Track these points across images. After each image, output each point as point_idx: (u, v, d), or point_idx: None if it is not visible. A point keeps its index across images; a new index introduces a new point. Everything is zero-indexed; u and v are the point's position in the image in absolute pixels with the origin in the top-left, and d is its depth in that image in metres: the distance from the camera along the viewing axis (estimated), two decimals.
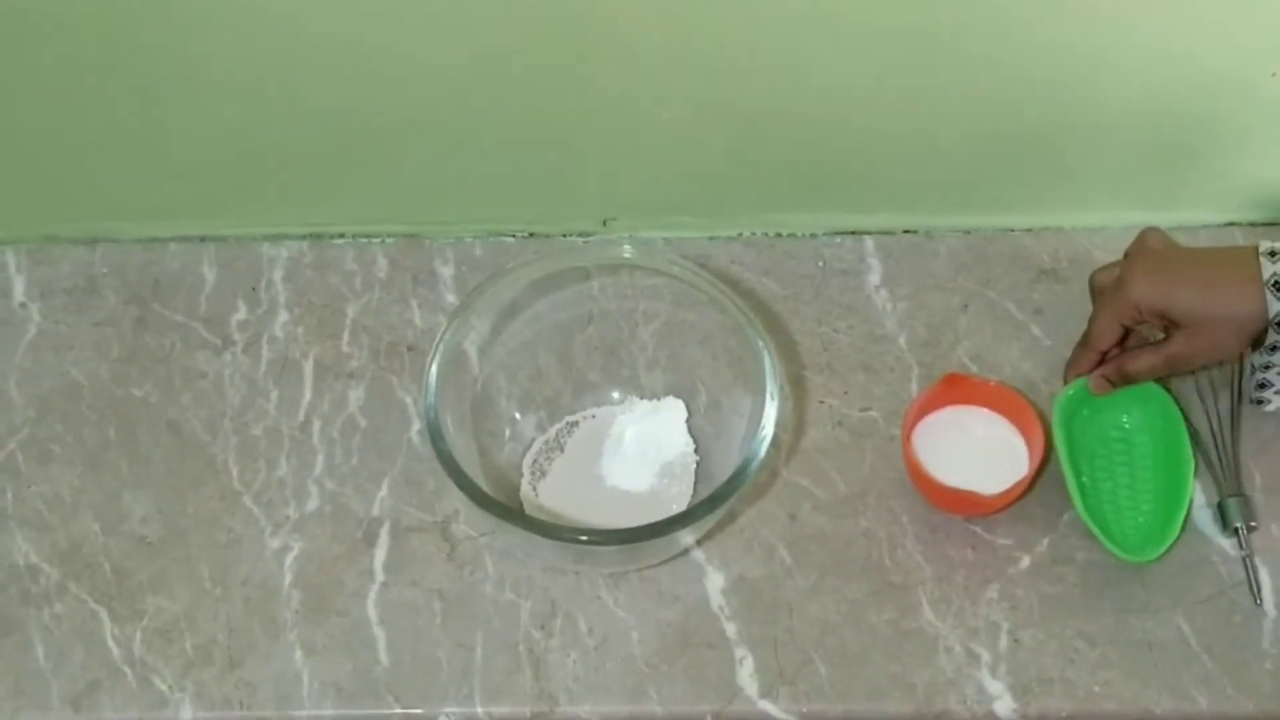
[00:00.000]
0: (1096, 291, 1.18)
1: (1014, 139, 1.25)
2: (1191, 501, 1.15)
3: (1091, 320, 1.16)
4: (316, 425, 1.22)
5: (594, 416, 1.22)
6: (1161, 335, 1.12)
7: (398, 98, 1.20)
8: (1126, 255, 1.14)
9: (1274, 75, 1.18)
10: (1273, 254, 1.01)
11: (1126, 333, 1.13)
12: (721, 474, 1.08)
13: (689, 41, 1.14)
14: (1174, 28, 1.13)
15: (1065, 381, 1.18)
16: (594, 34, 1.14)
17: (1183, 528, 1.13)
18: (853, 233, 1.35)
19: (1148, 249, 1.12)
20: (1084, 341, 1.17)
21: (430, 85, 1.19)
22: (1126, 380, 1.15)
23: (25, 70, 1.17)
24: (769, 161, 1.28)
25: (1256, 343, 1.09)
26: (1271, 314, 1.01)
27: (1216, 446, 1.18)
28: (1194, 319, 1.06)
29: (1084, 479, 1.16)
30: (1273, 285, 1.00)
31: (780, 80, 1.19)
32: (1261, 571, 1.13)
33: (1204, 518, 1.17)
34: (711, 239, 1.35)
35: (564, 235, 1.37)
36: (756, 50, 1.16)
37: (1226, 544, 1.15)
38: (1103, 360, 1.16)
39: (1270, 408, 1.17)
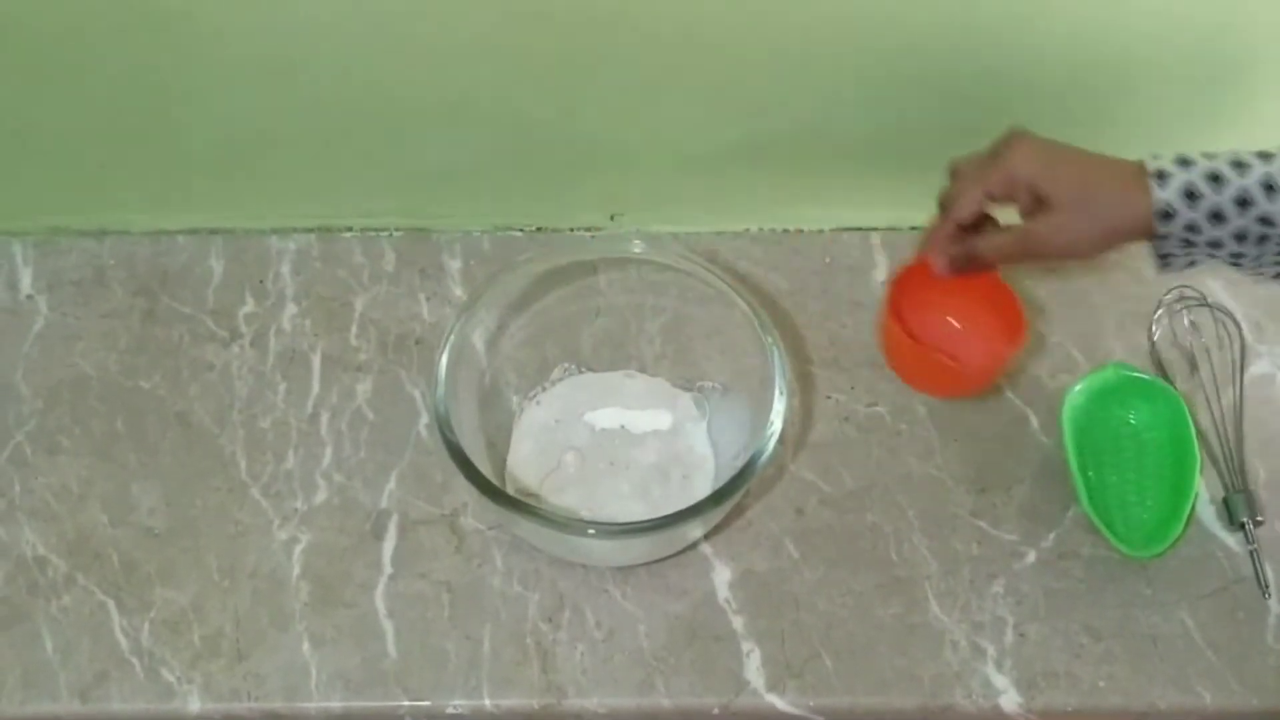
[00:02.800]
0: (958, 173, 1.08)
1: None
2: (1196, 497, 1.15)
3: (950, 193, 1.08)
4: (324, 418, 1.22)
5: (602, 408, 1.22)
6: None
7: (406, 91, 1.20)
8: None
9: None
10: (1155, 157, 0.97)
11: (985, 219, 1.07)
12: (729, 469, 1.08)
13: (697, 36, 1.15)
14: (1183, 7, 1.13)
15: (916, 255, 1.12)
16: (603, 28, 1.14)
17: (1187, 523, 1.13)
18: (860, 228, 1.35)
19: (1024, 131, 1.04)
20: (941, 213, 1.09)
21: (438, 79, 1.19)
22: (974, 262, 1.07)
23: (32, 62, 1.17)
24: (777, 156, 1.28)
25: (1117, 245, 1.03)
26: (1156, 204, 0.96)
27: (1221, 442, 1.19)
28: (1068, 199, 1.00)
29: (1090, 475, 1.17)
30: (1156, 175, 0.96)
31: (788, 75, 1.19)
32: (1266, 568, 1.14)
33: (1208, 513, 1.17)
34: (719, 234, 1.36)
35: (571, 229, 1.37)
36: (764, 44, 1.16)
37: (1231, 539, 1.16)
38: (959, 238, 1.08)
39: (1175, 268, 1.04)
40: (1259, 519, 1.15)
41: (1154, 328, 1.28)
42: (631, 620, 1.11)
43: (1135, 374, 1.18)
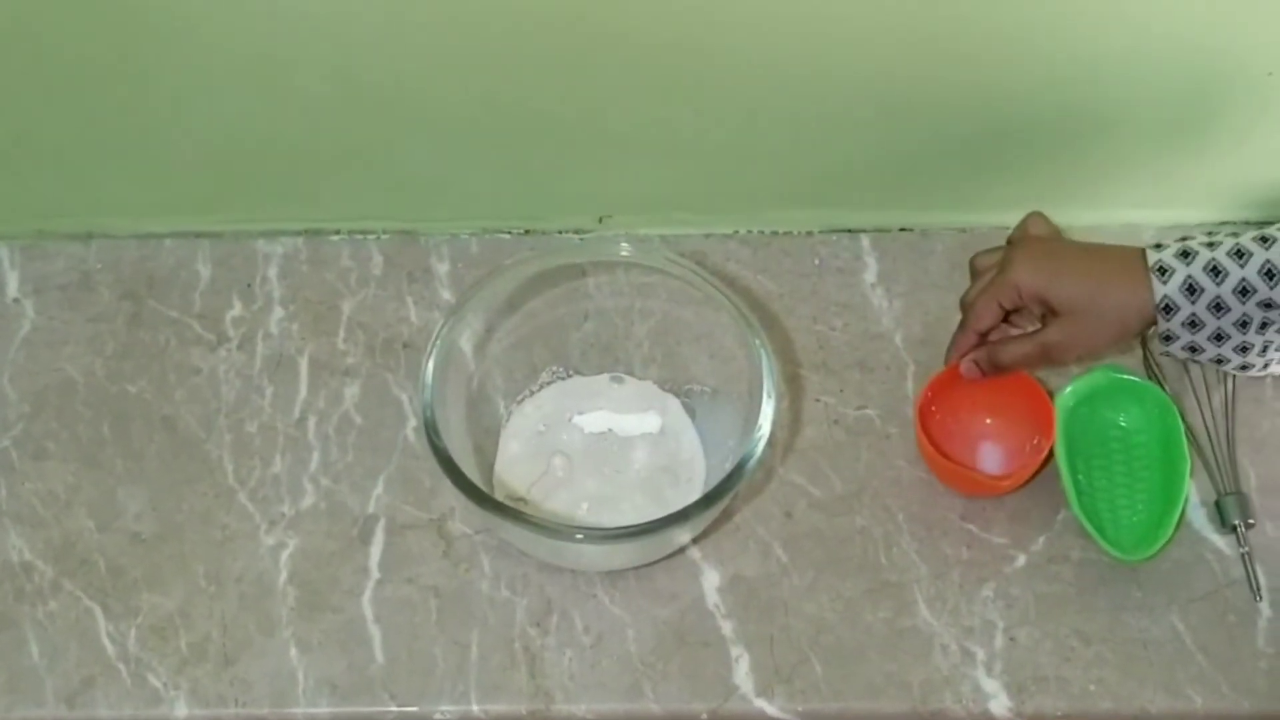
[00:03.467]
0: (977, 273, 1.16)
1: (1010, 137, 1.25)
2: (1187, 500, 1.15)
3: (969, 301, 1.14)
4: (312, 422, 1.22)
5: (591, 411, 1.22)
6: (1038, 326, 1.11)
7: (393, 93, 1.20)
8: (1009, 242, 1.13)
9: (1270, 75, 1.17)
10: (1158, 246, 1.02)
11: (1006, 316, 1.12)
12: (718, 472, 1.08)
13: (685, 38, 1.14)
14: (1174, 24, 1.13)
15: (945, 363, 1.17)
16: (590, 30, 1.13)
17: (1178, 526, 1.13)
18: (848, 230, 1.34)
19: (1033, 236, 1.12)
20: (963, 323, 1.15)
21: (426, 81, 1.19)
22: (996, 368, 1.13)
23: (18, 64, 1.16)
24: (765, 158, 1.27)
25: (1133, 337, 1.12)
26: (1157, 298, 1.01)
27: (1212, 444, 1.19)
28: (1075, 306, 1.05)
29: (1080, 477, 1.16)
30: (1157, 271, 1.01)
31: (776, 77, 1.19)
32: (1258, 569, 1.13)
33: (1199, 516, 1.17)
34: (708, 236, 1.35)
35: (559, 232, 1.37)
36: (752, 47, 1.15)
37: (1221, 542, 1.16)
38: (982, 343, 1.14)
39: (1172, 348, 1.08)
40: (1250, 521, 1.14)
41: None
42: (620, 625, 1.11)
43: (1125, 376, 1.18)
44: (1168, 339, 1.04)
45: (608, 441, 1.19)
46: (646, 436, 1.19)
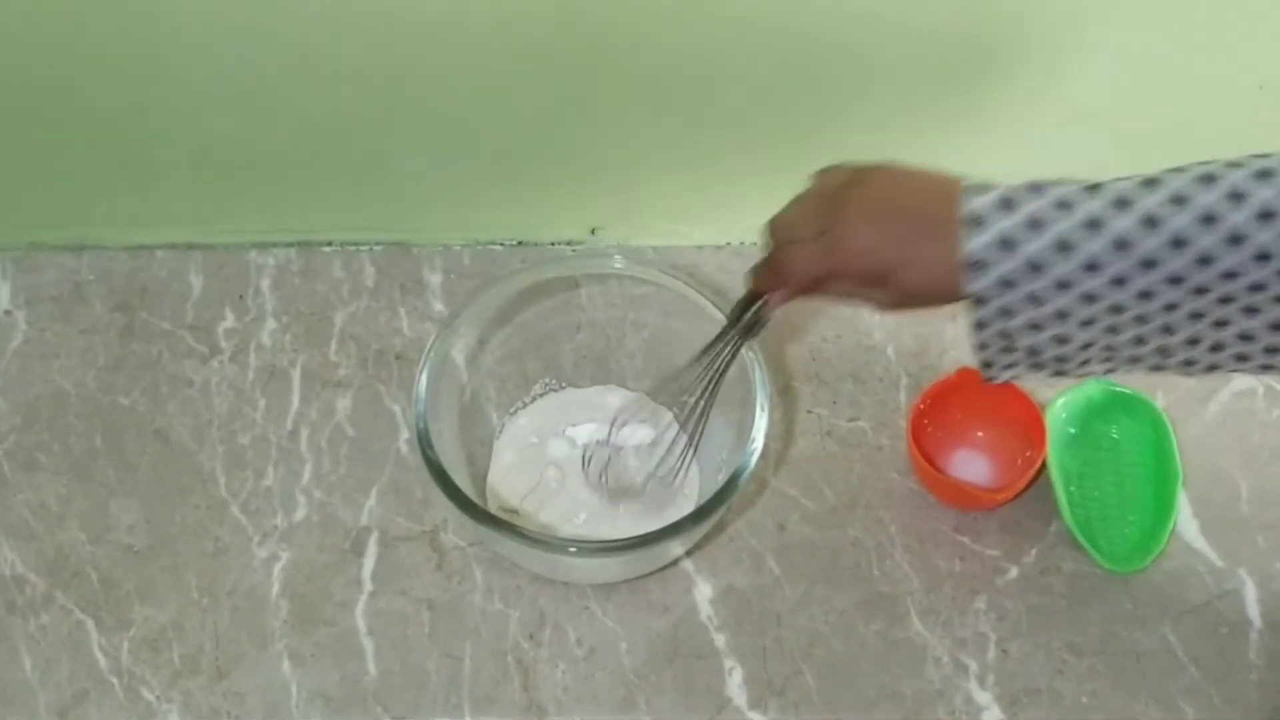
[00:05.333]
0: (781, 243, 0.96)
1: None
2: (1178, 512, 1.15)
3: (777, 266, 0.97)
4: (304, 434, 1.22)
5: (584, 424, 1.22)
6: None
7: (386, 106, 1.20)
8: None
9: (1260, 88, 1.18)
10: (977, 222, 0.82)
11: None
12: (711, 484, 1.08)
13: (677, 50, 1.15)
14: None
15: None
16: (582, 43, 1.14)
17: (1169, 538, 1.13)
18: None
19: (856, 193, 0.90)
20: (776, 273, 0.97)
21: (418, 94, 1.19)
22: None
23: (10, 77, 1.16)
24: (757, 170, 1.27)
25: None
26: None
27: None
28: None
29: (1072, 489, 1.17)
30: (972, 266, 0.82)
31: (767, 90, 1.19)
32: (1248, 583, 1.14)
33: (1190, 528, 1.17)
34: (700, 248, 1.35)
35: (552, 244, 1.37)
36: (743, 61, 1.16)
37: (1213, 554, 1.16)
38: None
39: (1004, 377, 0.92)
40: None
41: None
42: (613, 638, 1.11)
43: (1117, 388, 1.18)
44: (984, 348, 0.88)
45: (601, 453, 1.19)
46: (639, 448, 1.19)
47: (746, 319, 1.02)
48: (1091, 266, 0.79)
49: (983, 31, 1.15)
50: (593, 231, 1.36)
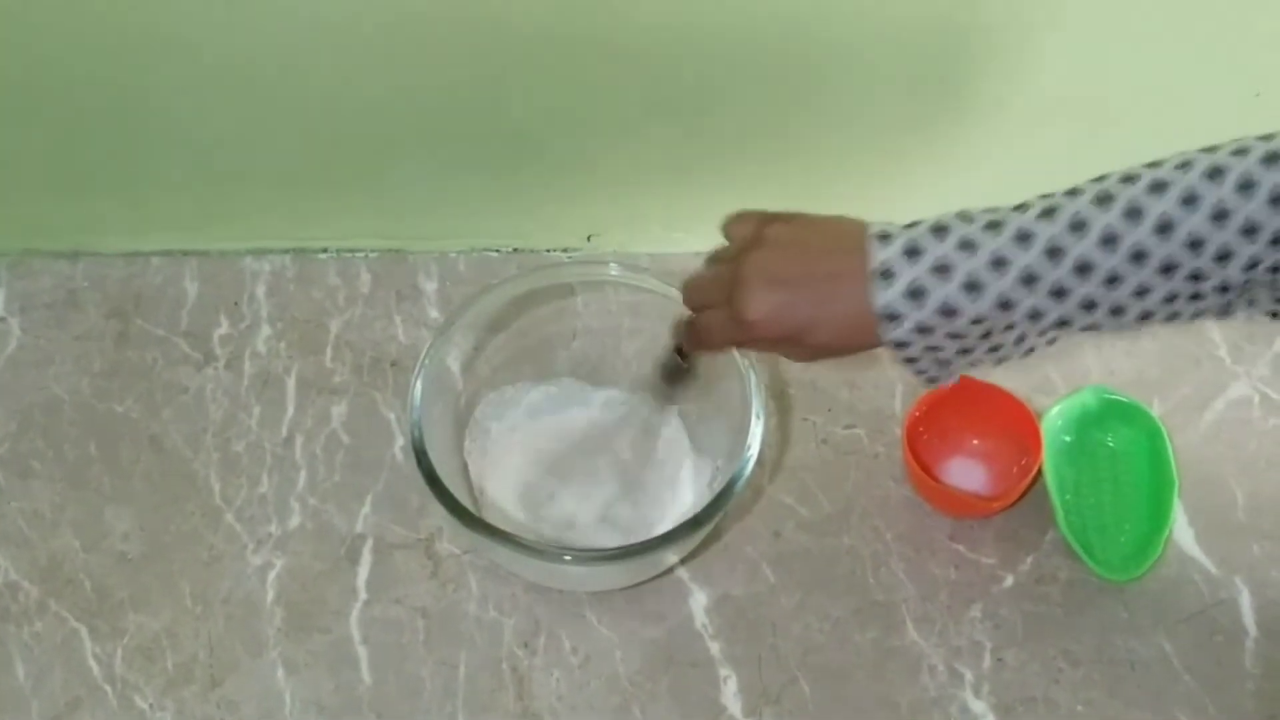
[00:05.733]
0: (700, 308, 0.96)
1: None
2: (1174, 520, 1.15)
3: (694, 330, 0.96)
4: (299, 441, 1.22)
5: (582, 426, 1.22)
6: None
7: (381, 113, 1.20)
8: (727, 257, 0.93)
9: (1258, 95, 1.18)
10: (886, 271, 0.81)
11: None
12: (706, 492, 1.08)
13: (674, 59, 1.14)
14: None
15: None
16: (578, 51, 1.14)
17: (1165, 546, 1.13)
18: None
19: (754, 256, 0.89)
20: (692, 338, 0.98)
21: (414, 101, 1.19)
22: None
23: (5, 84, 1.16)
24: (752, 178, 1.27)
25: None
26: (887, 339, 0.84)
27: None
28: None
29: (1068, 497, 1.17)
30: (886, 316, 0.82)
31: (762, 99, 1.19)
32: (1244, 591, 1.14)
33: (1186, 537, 1.17)
34: (697, 254, 1.33)
35: (548, 250, 1.37)
36: (741, 69, 1.16)
37: (1209, 562, 1.15)
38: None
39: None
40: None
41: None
42: (608, 646, 1.11)
43: (1114, 396, 1.18)
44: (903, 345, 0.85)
45: (598, 460, 1.18)
46: (638, 454, 1.18)
47: (671, 369, 1.03)
48: (1004, 305, 0.80)
49: (974, 35, 1.15)
50: (589, 238, 1.36)
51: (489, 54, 1.14)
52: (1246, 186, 0.75)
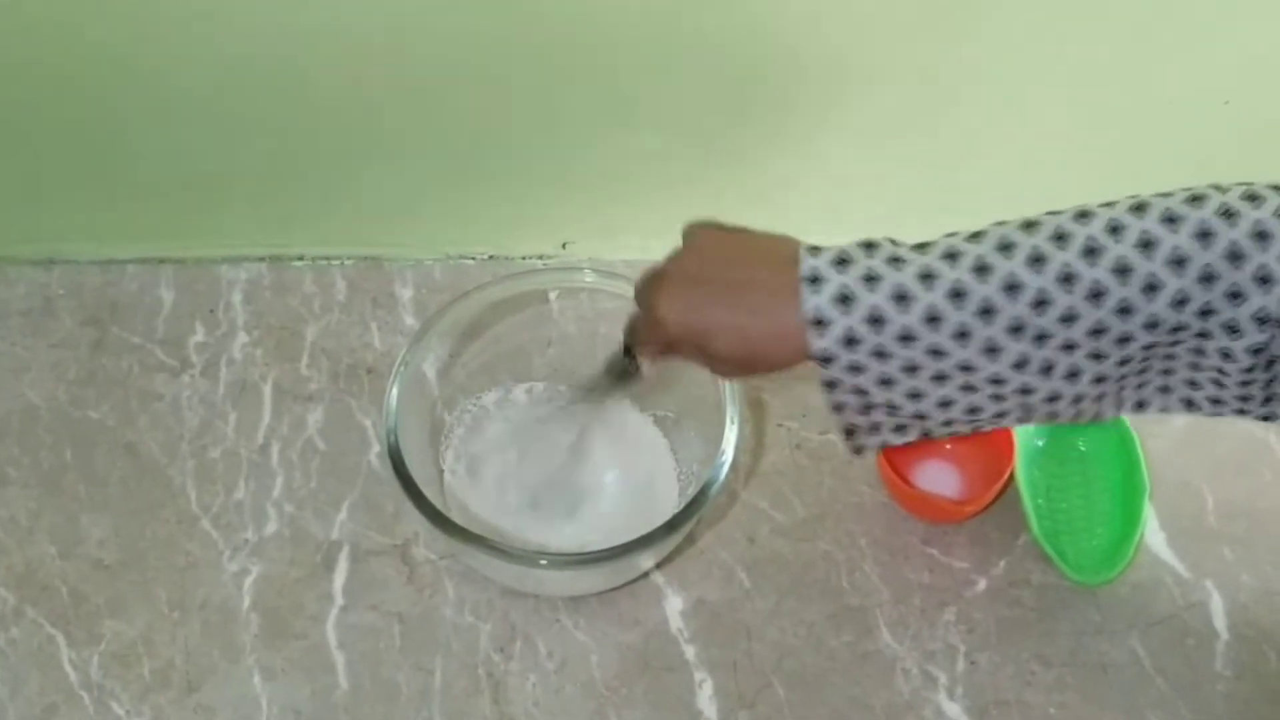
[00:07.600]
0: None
1: None
2: (1145, 524, 1.16)
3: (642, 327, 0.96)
4: (275, 448, 1.22)
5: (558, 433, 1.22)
6: None
7: (356, 121, 1.20)
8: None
9: (1226, 103, 1.19)
10: (814, 279, 0.81)
11: None
12: (681, 497, 1.08)
13: (648, 65, 1.15)
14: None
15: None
16: (554, 58, 1.14)
17: (1136, 550, 1.14)
18: None
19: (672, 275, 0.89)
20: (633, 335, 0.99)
21: (389, 108, 1.19)
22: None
23: None
24: (726, 184, 1.28)
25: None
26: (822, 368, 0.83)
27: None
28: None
29: (1040, 501, 1.18)
30: (815, 323, 0.80)
31: (737, 108, 1.20)
32: (1214, 595, 1.15)
33: (1158, 540, 1.18)
34: None
35: (523, 258, 1.37)
36: (715, 76, 1.16)
37: (1180, 565, 1.16)
38: None
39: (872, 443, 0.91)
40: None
41: None
42: (583, 650, 1.11)
43: None
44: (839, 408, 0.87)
45: (574, 465, 1.19)
46: (615, 459, 1.19)
47: (619, 367, 1.03)
48: (931, 319, 0.79)
49: (962, 41, 1.16)
50: (564, 246, 1.36)
51: (463, 63, 1.14)
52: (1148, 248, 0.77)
